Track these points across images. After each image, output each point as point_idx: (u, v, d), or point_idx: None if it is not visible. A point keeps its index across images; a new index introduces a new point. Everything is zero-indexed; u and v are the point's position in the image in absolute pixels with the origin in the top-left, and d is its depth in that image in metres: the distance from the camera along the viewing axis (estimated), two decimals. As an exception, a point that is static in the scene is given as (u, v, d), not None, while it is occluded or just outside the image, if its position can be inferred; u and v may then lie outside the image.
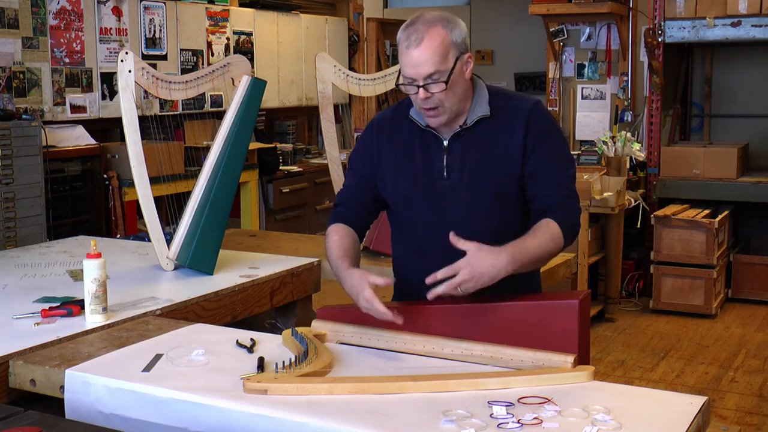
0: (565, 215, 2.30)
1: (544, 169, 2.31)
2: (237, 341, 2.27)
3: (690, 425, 1.74)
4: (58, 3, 5.58)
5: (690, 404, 1.84)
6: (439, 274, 2.11)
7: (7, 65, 5.28)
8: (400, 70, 2.28)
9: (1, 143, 4.76)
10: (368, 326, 2.24)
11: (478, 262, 2.10)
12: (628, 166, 6.41)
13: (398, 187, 2.39)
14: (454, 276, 2.09)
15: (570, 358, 2.00)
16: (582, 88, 7.45)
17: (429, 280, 2.11)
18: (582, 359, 2.10)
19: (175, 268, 3.16)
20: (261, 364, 2.05)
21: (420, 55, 2.19)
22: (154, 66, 4.63)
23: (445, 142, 2.33)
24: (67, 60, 5.66)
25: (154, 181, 3.18)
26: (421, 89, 2.21)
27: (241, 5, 7.30)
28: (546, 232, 2.24)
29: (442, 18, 2.23)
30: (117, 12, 6.02)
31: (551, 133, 2.35)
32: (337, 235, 2.38)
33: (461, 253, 2.28)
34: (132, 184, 3.25)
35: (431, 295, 2.11)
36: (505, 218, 2.33)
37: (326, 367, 2.02)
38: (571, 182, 2.37)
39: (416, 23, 2.23)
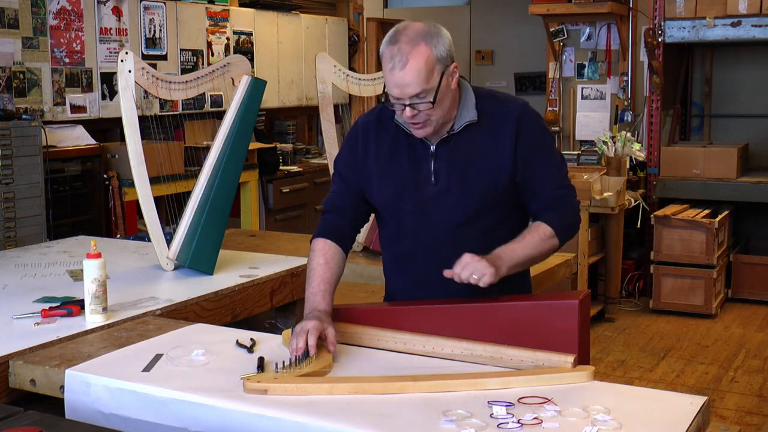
0: (561, 214, 2.34)
1: (539, 177, 2.32)
2: (237, 341, 2.27)
3: (690, 425, 1.74)
4: (58, 3, 5.57)
5: (690, 404, 1.84)
6: (449, 272, 2.17)
7: (7, 65, 5.27)
8: (385, 86, 2.25)
9: (1, 143, 4.76)
10: (368, 326, 2.24)
11: (474, 257, 2.16)
12: (628, 166, 6.41)
13: (384, 192, 2.36)
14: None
15: (570, 358, 2.00)
16: (582, 88, 7.45)
17: (447, 274, 2.17)
18: (582, 359, 2.10)
19: (175, 268, 3.16)
20: (261, 364, 2.05)
21: (405, 77, 2.15)
22: (154, 66, 4.63)
23: (432, 148, 2.31)
24: (67, 60, 5.66)
25: (154, 181, 3.18)
26: (407, 108, 2.19)
27: (241, 5, 7.30)
28: (534, 234, 2.30)
29: (425, 33, 2.17)
30: (117, 12, 6.02)
31: (542, 138, 2.35)
32: (323, 258, 2.33)
33: (449, 257, 2.29)
34: (132, 184, 3.25)
35: (446, 274, 2.18)
36: (491, 222, 2.33)
37: (326, 367, 2.02)
38: (565, 180, 2.39)
39: (399, 41, 2.17)
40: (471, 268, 2.14)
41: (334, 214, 2.42)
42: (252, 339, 2.28)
